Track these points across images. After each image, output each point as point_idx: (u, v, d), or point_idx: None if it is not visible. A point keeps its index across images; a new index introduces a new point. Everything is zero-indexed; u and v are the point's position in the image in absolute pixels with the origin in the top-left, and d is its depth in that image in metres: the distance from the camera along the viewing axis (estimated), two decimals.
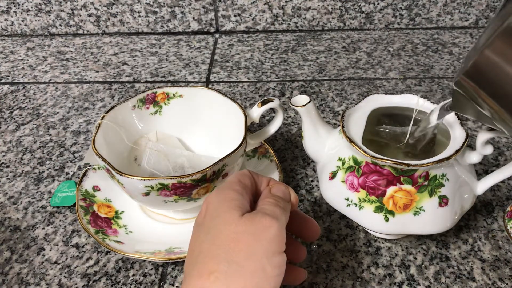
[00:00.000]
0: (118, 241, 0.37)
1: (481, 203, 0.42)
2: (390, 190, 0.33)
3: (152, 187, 0.33)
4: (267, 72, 0.64)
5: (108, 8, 0.73)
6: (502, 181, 0.43)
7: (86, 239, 0.40)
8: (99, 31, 0.77)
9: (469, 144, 0.46)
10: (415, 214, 0.33)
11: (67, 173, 0.48)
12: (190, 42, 0.73)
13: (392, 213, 0.34)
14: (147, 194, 0.34)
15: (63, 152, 0.51)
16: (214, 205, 0.27)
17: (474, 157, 0.35)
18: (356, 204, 0.35)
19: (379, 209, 0.34)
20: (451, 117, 0.36)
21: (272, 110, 0.53)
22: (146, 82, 0.64)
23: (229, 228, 0.25)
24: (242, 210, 0.26)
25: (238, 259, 0.24)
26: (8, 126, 0.55)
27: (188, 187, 0.34)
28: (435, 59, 0.66)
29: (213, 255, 0.25)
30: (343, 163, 0.35)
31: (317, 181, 0.45)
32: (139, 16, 0.74)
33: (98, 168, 0.44)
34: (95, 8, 0.73)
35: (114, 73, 0.66)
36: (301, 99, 0.37)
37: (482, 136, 0.33)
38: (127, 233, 0.39)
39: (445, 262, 0.37)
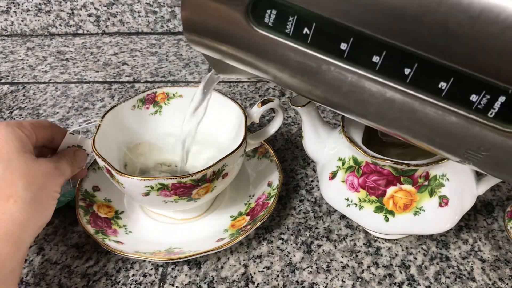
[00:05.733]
0: (118, 241, 0.37)
1: (481, 203, 0.42)
2: (390, 190, 0.33)
3: (152, 187, 0.33)
4: None
5: (108, 8, 0.73)
6: (502, 181, 0.43)
7: (86, 239, 0.40)
8: (99, 31, 0.77)
9: None
10: (415, 214, 0.33)
11: None
12: None
13: (392, 213, 0.34)
14: (147, 194, 0.34)
15: None
16: (7, 140, 0.32)
17: None
18: (356, 204, 0.35)
19: (379, 209, 0.34)
20: None
21: (272, 110, 0.53)
22: (146, 82, 0.64)
23: (27, 164, 0.31)
24: (32, 153, 0.33)
25: (34, 189, 0.31)
26: None
27: (188, 187, 0.34)
28: None
29: (11, 183, 0.30)
30: (343, 163, 0.35)
31: (317, 181, 0.45)
32: (139, 16, 0.74)
33: (98, 168, 0.44)
34: (95, 8, 0.73)
35: (114, 73, 0.66)
36: (301, 99, 0.37)
37: None
38: (127, 233, 0.39)
39: (445, 262, 0.37)
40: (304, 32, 0.21)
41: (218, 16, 0.23)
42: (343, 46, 0.20)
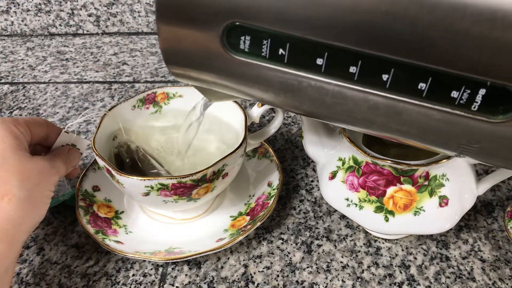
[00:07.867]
0: (118, 241, 0.37)
1: (481, 203, 0.42)
2: (390, 190, 0.33)
3: (152, 187, 0.33)
4: None
5: (108, 8, 0.73)
6: (502, 181, 0.43)
7: (86, 239, 0.40)
8: (99, 31, 0.77)
9: None
10: (415, 214, 0.33)
11: None
12: None
13: (392, 213, 0.34)
14: (147, 194, 0.34)
15: None
16: (2, 137, 0.31)
17: None
18: (356, 204, 0.35)
19: (379, 209, 0.34)
20: None
21: (272, 110, 0.53)
22: (146, 82, 0.64)
23: (22, 162, 0.31)
24: (27, 150, 0.33)
25: (29, 188, 0.31)
26: None
27: (188, 187, 0.34)
28: None
29: (5, 181, 0.30)
30: (343, 163, 0.35)
31: (317, 181, 0.45)
32: (139, 16, 0.74)
33: (98, 168, 0.44)
34: (95, 8, 0.73)
35: (114, 73, 0.66)
36: None
37: None
38: (127, 233, 0.39)
39: (445, 262, 0.37)
40: (280, 53, 0.21)
41: (195, 47, 0.23)
42: (319, 61, 0.21)
